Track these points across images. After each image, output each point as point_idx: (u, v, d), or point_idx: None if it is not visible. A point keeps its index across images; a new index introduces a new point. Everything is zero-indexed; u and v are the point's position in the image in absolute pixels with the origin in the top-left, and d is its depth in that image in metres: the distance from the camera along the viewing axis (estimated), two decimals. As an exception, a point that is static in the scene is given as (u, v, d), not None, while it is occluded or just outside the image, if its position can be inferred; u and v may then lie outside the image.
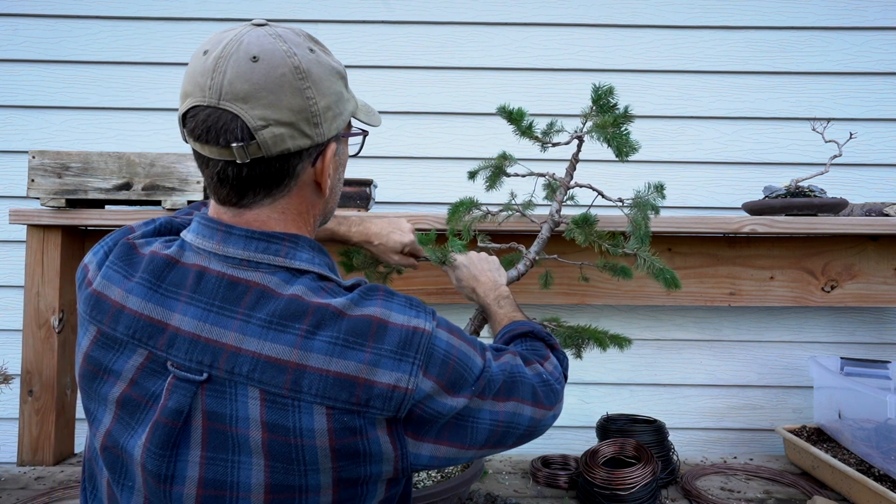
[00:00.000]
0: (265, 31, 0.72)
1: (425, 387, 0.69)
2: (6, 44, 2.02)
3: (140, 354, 0.70)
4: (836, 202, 1.70)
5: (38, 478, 1.62)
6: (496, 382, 0.78)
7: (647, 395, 2.05)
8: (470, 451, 0.77)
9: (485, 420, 0.76)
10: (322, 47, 0.77)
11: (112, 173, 1.68)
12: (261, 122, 0.68)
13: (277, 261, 0.72)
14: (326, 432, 0.65)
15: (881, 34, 2.04)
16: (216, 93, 0.68)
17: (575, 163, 1.38)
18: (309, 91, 0.71)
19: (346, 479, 0.68)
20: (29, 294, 1.76)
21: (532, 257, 1.37)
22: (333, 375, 0.66)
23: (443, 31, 2.06)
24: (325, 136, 0.74)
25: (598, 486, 1.40)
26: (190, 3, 2.04)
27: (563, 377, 0.95)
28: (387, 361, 0.68)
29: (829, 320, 2.04)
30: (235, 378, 0.66)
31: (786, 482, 1.60)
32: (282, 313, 0.68)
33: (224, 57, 0.69)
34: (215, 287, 0.70)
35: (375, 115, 0.90)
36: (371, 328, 0.69)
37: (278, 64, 0.69)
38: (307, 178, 0.76)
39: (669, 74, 2.05)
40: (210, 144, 0.70)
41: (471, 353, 0.76)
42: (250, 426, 0.65)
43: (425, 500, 1.27)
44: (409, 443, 0.71)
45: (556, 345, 1.03)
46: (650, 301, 1.91)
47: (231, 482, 0.66)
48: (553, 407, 0.87)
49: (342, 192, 1.70)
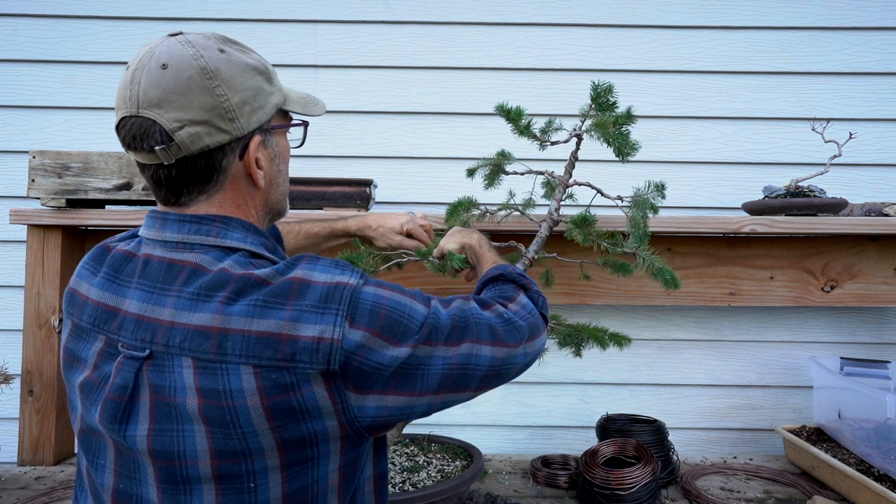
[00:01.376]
0: (176, 40, 0.77)
1: (354, 337, 0.69)
2: (6, 44, 2.02)
3: (100, 340, 0.76)
4: (835, 202, 1.70)
5: (38, 478, 1.62)
6: (444, 328, 0.77)
7: (647, 395, 2.05)
8: (424, 398, 0.76)
9: (437, 366, 0.75)
10: (238, 46, 0.81)
11: (112, 173, 1.68)
12: (176, 123, 0.73)
13: (209, 240, 0.76)
14: (256, 391, 0.67)
15: (881, 34, 2.04)
16: (135, 103, 0.73)
17: (574, 161, 1.38)
18: (219, 89, 0.75)
19: (290, 441, 0.69)
20: (29, 294, 1.76)
21: (531, 256, 1.37)
22: (255, 335, 0.67)
23: (443, 31, 2.06)
24: (245, 129, 0.78)
25: (597, 486, 1.40)
26: (189, 3, 2.04)
27: (534, 314, 0.93)
28: (309, 316, 0.69)
29: (828, 320, 2.04)
30: (171, 350, 0.69)
31: (786, 482, 1.60)
32: (208, 285, 0.71)
33: (139, 69, 0.74)
34: (157, 270, 0.75)
35: (316, 105, 0.92)
36: (292, 288, 0.71)
37: (185, 67, 0.74)
38: (237, 172, 0.80)
39: (669, 74, 2.05)
40: (139, 151, 0.75)
41: (407, 302, 0.76)
42: (187, 394, 0.68)
43: (425, 499, 1.27)
44: (351, 396, 0.70)
45: (529, 284, 1.01)
46: (650, 301, 1.91)
47: (178, 451, 0.68)
48: (518, 344, 0.86)
49: (342, 192, 1.73)
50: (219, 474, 0.68)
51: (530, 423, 2.05)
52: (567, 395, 2.05)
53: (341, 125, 2.05)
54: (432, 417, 1.98)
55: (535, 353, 0.90)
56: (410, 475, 1.41)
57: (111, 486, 0.73)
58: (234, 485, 0.68)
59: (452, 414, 2.04)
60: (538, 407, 2.05)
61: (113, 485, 0.73)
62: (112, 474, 0.73)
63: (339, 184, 1.74)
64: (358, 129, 2.06)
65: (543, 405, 2.05)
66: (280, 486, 0.70)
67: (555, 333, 1.40)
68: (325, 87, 2.05)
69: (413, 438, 1.64)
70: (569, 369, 2.04)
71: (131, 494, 0.71)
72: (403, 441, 1.64)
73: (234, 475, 0.68)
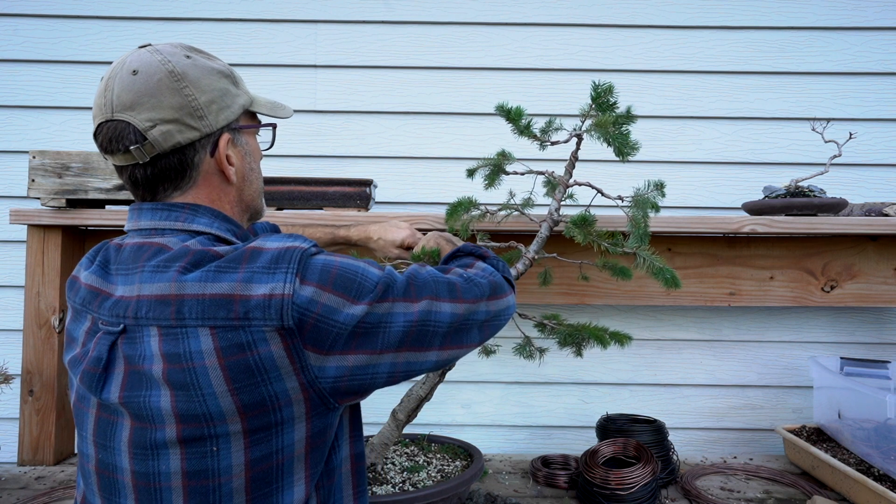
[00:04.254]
0: (145, 50, 0.83)
1: (305, 292, 0.71)
2: (6, 44, 2.02)
3: (88, 320, 0.82)
4: (835, 202, 1.70)
5: (38, 477, 1.62)
6: (401, 285, 0.79)
7: (647, 395, 2.05)
8: (386, 356, 0.77)
9: (397, 322, 0.77)
10: (203, 54, 0.86)
11: (112, 173, 1.68)
12: (148, 122, 0.78)
13: (177, 225, 0.82)
14: (213, 351, 0.70)
15: (881, 34, 2.04)
16: (109, 108, 0.79)
17: (574, 161, 1.38)
18: (187, 90, 0.80)
19: (251, 404, 0.70)
20: (29, 294, 1.76)
21: (531, 256, 1.37)
22: (209, 297, 0.71)
23: (443, 31, 2.06)
24: (214, 126, 0.83)
25: (597, 486, 1.40)
26: (189, 3, 2.04)
27: (495, 275, 0.94)
28: (259, 276, 0.72)
29: (828, 320, 2.04)
30: (140, 322, 0.73)
31: (786, 482, 1.60)
32: (167, 258, 0.75)
33: (112, 77, 0.80)
34: (128, 254, 0.80)
35: (283, 108, 0.96)
36: (245, 255, 0.74)
37: (154, 72, 0.79)
38: (210, 168, 0.85)
39: (669, 74, 2.06)
40: (116, 153, 0.80)
41: (360, 264, 0.78)
42: (153, 361, 0.71)
43: (425, 499, 1.27)
44: (311, 356, 0.72)
45: (487, 254, 1.04)
46: (650, 301, 1.91)
47: (147, 415, 0.71)
48: (479, 300, 0.87)
49: (342, 192, 1.73)
50: (183, 438, 0.70)
51: (530, 423, 2.05)
52: (567, 395, 2.05)
53: (341, 125, 2.05)
54: (432, 417, 2.00)
55: (499, 311, 0.92)
56: (410, 475, 1.41)
57: (93, 455, 0.78)
58: (198, 448, 0.71)
59: (452, 414, 2.04)
60: (538, 407, 2.05)
61: (94, 454, 0.77)
62: (92, 445, 0.78)
63: (339, 184, 1.74)
64: (358, 129, 2.06)
65: (543, 405, 2.05)
66: (242, 453, 0.72)
67: (555, 333, 1.40)
68: (325, 87, 2.05)
69: (413, 438, 1.64)
70: (569, 369, 2.04)
71: (108, 463, 0.75)
72: (403, 441, 1.64)
73: (197, 438, 0.70)
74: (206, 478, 0.71)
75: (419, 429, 1.69)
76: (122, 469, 0.74)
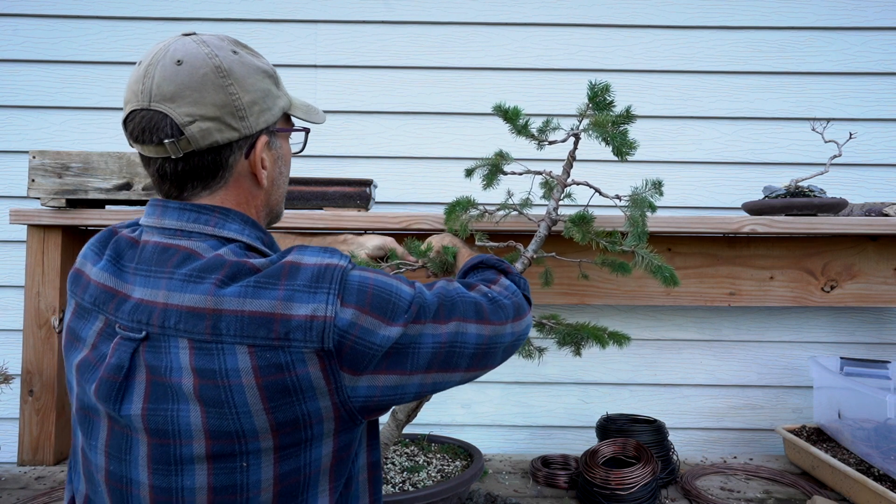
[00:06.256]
0: (190, 39, 0.79)
1: (346, 315, 0.70)
2: (6, 44, 2.03)
3: (100, 320, 0.78)
4: (835, 202, 1.70)
5: (38, 477, 1.62)
6: (432, 305, 0.78)
7: (647, 395, 2.05)
8: (415, 377, 0.77)
9: (427, 344, 0.76)
10: (249, 50, 0.83)
11: (112, 173, 1.68)
12: (188, 118, 0.75)
13: (207, 230, 0.78)
14: (251, 370, 0.68)
15: (881, 34, 2.04)
16: (147, 96, 0.75)
17: (572, 160, 1.38)
18: (231, 87, 0.77)
19: (284, 422, 0.69)
20: (29, 294, 1.77)
21: (530, 256, 1.37)
22: (248, 315, 0.69)
23: (442, 31, 2.06)
24: (253, 128, 0.80)
25: (597, 486, 1.40)
26: (189, 3, 2.04)
27: (517, 295, 0.94)
28: (301, 295, 0.70)
29: (828, 320, 2.04)
30: (167, 332, 0.70)
31: (786, 482, 1.60)
32: (201, 268, 0.72)
33: (153, 64, 0.76)
34: (151, 254, 0.77)
35: (318, 113, 0.94)
36: (283, 270, 0.72)
37: (200, 65, 0.76)
38: (242, 170, 0.82)
39: (669, 74, 2.06)
40: (147, 144, 0.77)
41: (393, 283, 0.77)
42: (183, 374, 0.69)
43: (425, 499, 1.27)
44: (345, 377, 0.71)
45: (509, 269, 1.03)
46: (650, 301, 1.91)
47: (173, 430, 0.69)
48: (505, 322, 0.86)
49: (342, 192, 1.73)
50: (212, 454, 0.69)
51: (530, 423, 2.05)
52: (567, 395, 2.05)
53: (341, 125, 2.05)
54: (432, 417, 2.00)
55: (521, 332, 0.91)
56: (410, 475, 1.41)
57: (103, 466, 0.74)
58: (227, 464, 0.69)
59: (452, 414, 2.04)
60: (538, 407, 2.05)
61: (105, 465, 0.74)
62: (103, 455, 0.74)
63: (339, 184, 1.74)
64: (358, 129, 2.06)
65: (543, 405, 2.05)
66: (272, 468, 0.70)
67: (554, 333, 1.40)
68: (325, 87, 2.05)
69: (413, 438, 1.64)
70: (569, 369, 2.04)
71: (121, 476, 0.72)
72: (403, 441, 1.64)
73: (227, 455, 0.69)
74: (234, 493, 0.70)
75: (419, 429, 1.69)
76: (139, 483, 0.71)
